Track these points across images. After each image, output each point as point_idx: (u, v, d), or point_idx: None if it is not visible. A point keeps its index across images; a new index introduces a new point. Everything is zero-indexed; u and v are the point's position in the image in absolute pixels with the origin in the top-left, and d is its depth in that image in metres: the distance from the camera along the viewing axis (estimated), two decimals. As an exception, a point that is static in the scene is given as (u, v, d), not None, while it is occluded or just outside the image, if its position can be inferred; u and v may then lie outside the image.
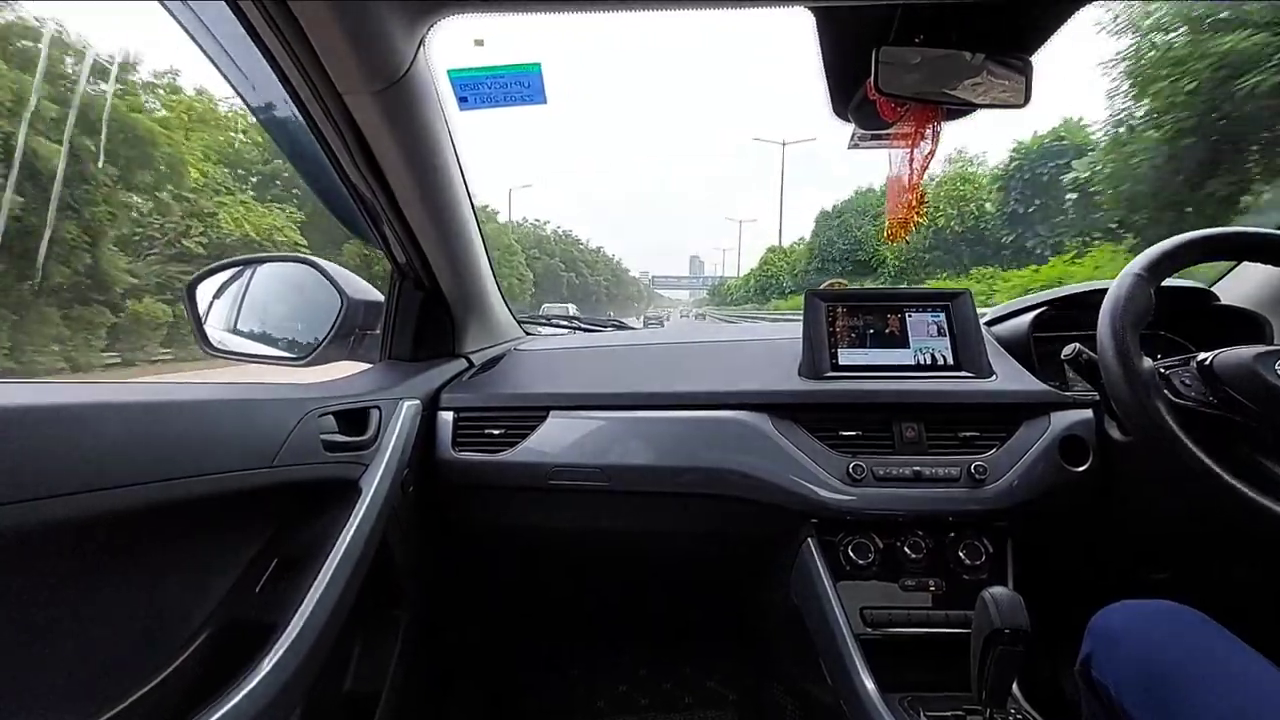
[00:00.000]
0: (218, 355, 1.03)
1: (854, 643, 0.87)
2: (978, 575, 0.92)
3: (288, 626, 0.66)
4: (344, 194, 0.92)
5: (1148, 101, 8.84)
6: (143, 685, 0.60)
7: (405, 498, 0.95)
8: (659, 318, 25.58)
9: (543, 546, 1.19)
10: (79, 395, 0.51)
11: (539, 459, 1.03)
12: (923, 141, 0.80)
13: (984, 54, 0.68)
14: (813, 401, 1.01)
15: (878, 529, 0.95)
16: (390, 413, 0.93)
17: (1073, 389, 1.01)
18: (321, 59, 0.71)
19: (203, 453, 0.61)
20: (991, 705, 0.71)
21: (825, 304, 1.09)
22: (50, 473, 0.46)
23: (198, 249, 8.60)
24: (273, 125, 0.89)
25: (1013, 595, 0.67)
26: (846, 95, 0.81)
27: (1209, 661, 0.61)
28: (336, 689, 0.92)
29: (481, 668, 1.41)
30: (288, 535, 0.77)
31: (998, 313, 1.21)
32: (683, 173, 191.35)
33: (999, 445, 0.96)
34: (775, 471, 0.96)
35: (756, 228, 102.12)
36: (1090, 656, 0.68)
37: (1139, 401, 0.77)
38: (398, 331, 1.11)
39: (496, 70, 0.86)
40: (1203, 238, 0.85)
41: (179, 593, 0.65)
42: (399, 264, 1.06)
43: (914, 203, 0.84)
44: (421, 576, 1.06)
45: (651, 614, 1.47)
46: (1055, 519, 0.97)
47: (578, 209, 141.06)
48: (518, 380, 1.16)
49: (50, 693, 0.53)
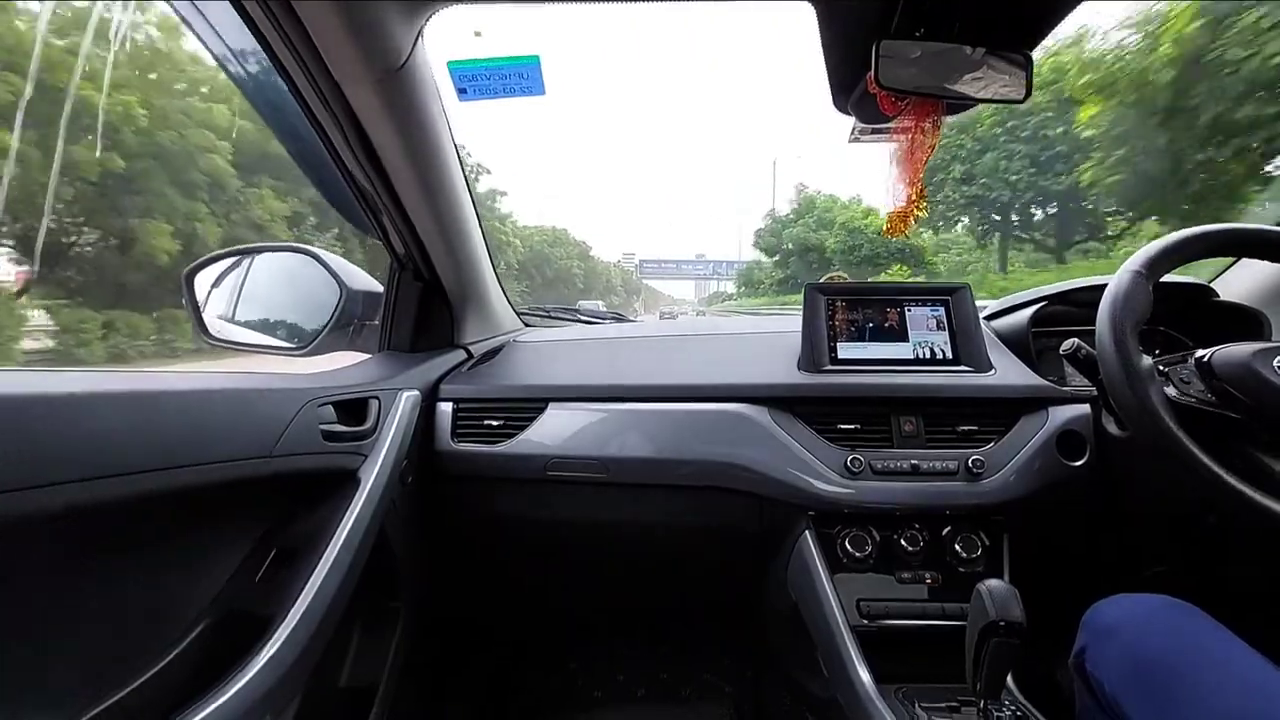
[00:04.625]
0: (216, 344, 1.03)
1: (850, 635, 0.87)
2: (974, 568, 0.93)
3: (286, 616, 0.66)
4: (343, 185, 0.92)
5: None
6: (142, 674, 0.60)
7: (404, 488, 0.95)
8: (672, 314, 23.76)
9: (541, 537, 1.19)
10: (78, 384, 0.51)
11: (537, 450, 1.03)
12: (923, 136, 0.79)
13: (984, 48, 0.68)
14: (811, 395, 1.01)
15: (875, 522, 0.95)
16: (389, 403, 0.93)
17: (1071, 384, 1.01)
18: (320, 49, 0.71)
19: (201, 442, 0.61)
20: (986, 697, 0.71)
21: (825, 297, 1.09)
22: (49, 462, 0.46)
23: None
24: (271, 115, 0.89)
25: (1008, 588, 0.67)
26: (847, 89, 0.81)
27: (1202, 656, 0.61)
28: (335, 678, 0.93)
29: (479, 657, 1.42)
30: (286, 525, 0.77)
31: (997, 307, 1.21)
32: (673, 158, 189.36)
33: (997, 439, 0.96)
34: (773, 464, 0.96)
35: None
36: (1085, 650, 0.69)
37: (1137, 397, 0.77)
38: (397, 322, 1.11)
39: (496, 62, 0.86)
40: (1202, 234, 0.84)
41: (178, 582, 0.66)
42: (398, 255, 1.06)
43: (914, 197, 0.84)
44: (420, 567, 1.06)
45: (649, 605, 1.47)
46: (1052, 513, 0.98)
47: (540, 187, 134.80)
48: (517, 371, 1.16)
49: (49, 681, 0.53)
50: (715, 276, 51.76)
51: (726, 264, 49.48)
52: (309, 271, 1.07)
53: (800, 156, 56.22)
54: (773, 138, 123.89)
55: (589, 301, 21.37)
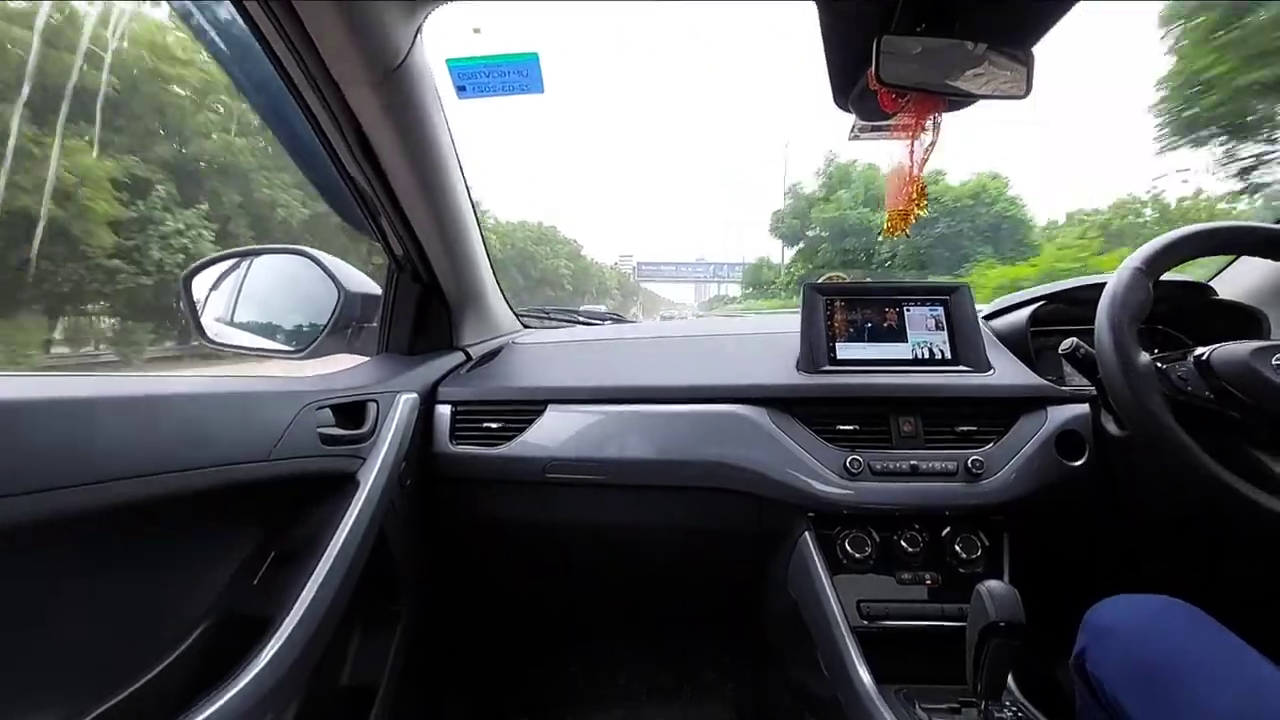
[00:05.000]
0: (215, 346, 1.03)
1: (850, 635, 0.87)
2: (974, 569, 0.92)
3: (285, 619, 0.66)
4: (341, 186, 0.91)
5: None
6: (141, 677, 0.60)
7: (403, 491, 0.95)
8: (672, 318, 21.82)
9: (540, 539, 1.19)
10: (75, 389, 0.51)
11: (536, 452, 1.03)
12: (923, 133, 0.79)
13: (986, 44, 0.68)
14: (810, 395, 1.01)
15: (875, 523, 0.95)
16: (388, 406, 0.93)
17: (1070, 383, 1.01)
18: (319, 49, 0.70)
19: (200, 446, 0.61)
20: (987, 698, 0.71)
21: (823, 297, 1.08)
22: (47, 466, 0.46)
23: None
24: (270, 116, 0.88)
25: (1008, 589, 0.67)
26: (848, 86, 0.80)
27: (1203, 656, 0.61)
28: (334, 681, 0.93)
29: (478, 659, 1.41)
30: (286, 528, 0.77)
31: (995, 307, 1.21)
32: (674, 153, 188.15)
33: (996, 439, 0.96)
34: (773, 465, 0.96)
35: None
36: (1085, 650, 0.69)
37: (1136, 396, 0.77)
38: (395, 324, 1.11)
39: (494, 59, 0.86)
40: (1201, 232, 0.84)
41: (176, 585, 0.65)
42: (396, 256, 1.06)
43: (914, 195, 0.83)
44: (419, 569, 1.06)
45: (649, 606, 1.47)
46: (1051, 513, 0.98)
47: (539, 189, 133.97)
48: (515, 373, 1.16)
49: (48, 685, 0.53)
50: (716, 279, 48.24)
51: (728, 266, 46.47)
52: (307, 274, 1.06)
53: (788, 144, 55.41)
54: (769, 137, 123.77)
55: (591, 305, 20.62)
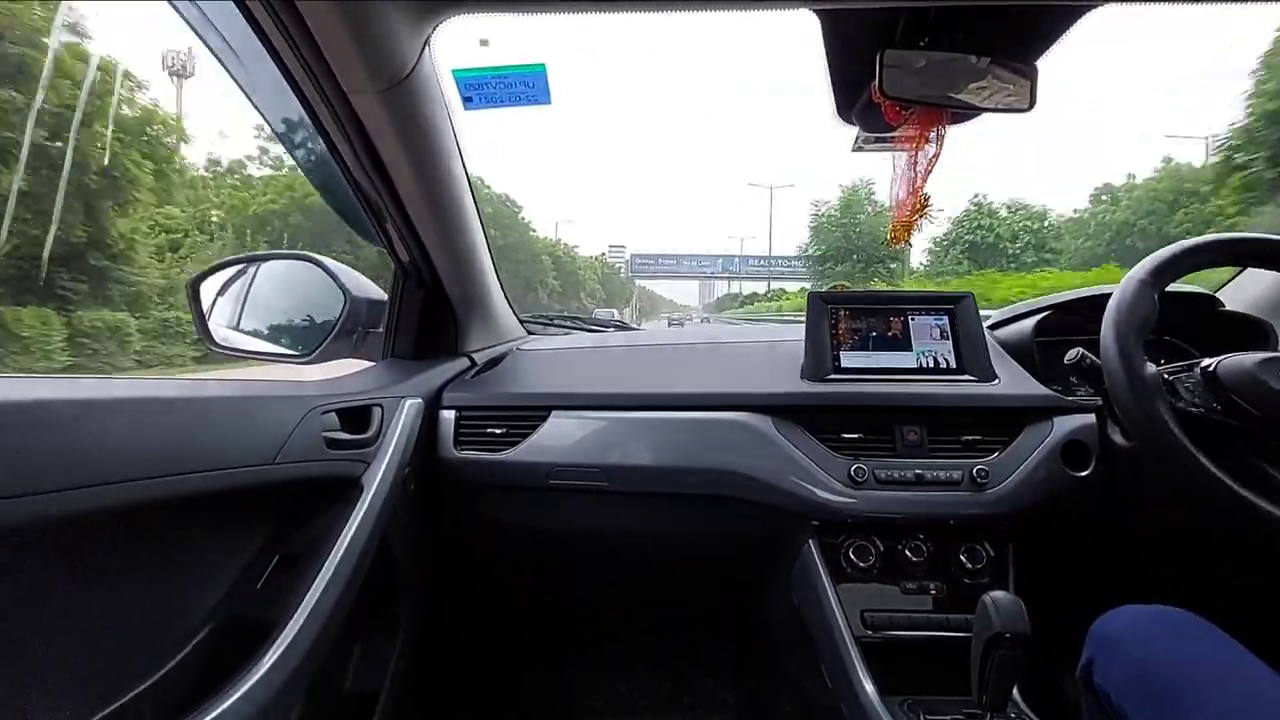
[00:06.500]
0: (222, 352, 1.03)
1: (854, 645, 0.87)
2: (979, 579, 0.92)
3: (289, 624, 0.66)
4: (348, 192, 0.92)
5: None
6: (144, 681, 0.60)
7: (407, 496, 0.95)
8: (680, 321, 20.10)
9: (543, 546, 1.19)
10: (80, 391, 0.52)
11: (540, 458, 1.03)
12: (927, 145, 0.80)
13: (989, 58, 0.68)
14: (815, 404, 1.01)
15: (879, 532, 0.95)
16: (392, 411, 0.93)
17: (1076, 394, 1.00)
18: (327, 58, 0.71)
19: (205, 449, 0.61)
20: (991, 710, 0.70)
21: (828, 306, 1.09)
22: (51, 468, 0.46)
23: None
24: (278, 124, 0.89)
25: (1014, 599, 0.66)
26: (851, 98, 0.81)
27: (1210, 667, 0.60)
28: (337, 686, 0.93)
29: (481, 666, 1.41)
30: (289, 532, 0.77)
31: (1001, 316, 1.21)
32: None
33: (1001, 449, 0.96)
34: (777, 473, 0.96)
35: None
36: (1091, 661, 0.68)
37: (1142, 407, 0.76)
38: (400, 330, 1.11)
39: (501, 70, 0.86)
40: (1207, 243, 0.84)
41: (180, 589, 0.65)
42: (402, 262, 1.06)
43: (918, 206, 0.84)
44: (422, 575, 1.06)
45: (651, 614, 1.47)
46: (1057, 523, 0.97)
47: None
48: (520, 379, 1.16)
49: (51, 689, 0.53)
50: (726, 275, 41.06)
51: (741, 259, 39.50)
52: (313, 279, 1.07)
53: (793, 185, 54.56)
54: (773, 134, 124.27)
55: (603, 310, 19.84)
